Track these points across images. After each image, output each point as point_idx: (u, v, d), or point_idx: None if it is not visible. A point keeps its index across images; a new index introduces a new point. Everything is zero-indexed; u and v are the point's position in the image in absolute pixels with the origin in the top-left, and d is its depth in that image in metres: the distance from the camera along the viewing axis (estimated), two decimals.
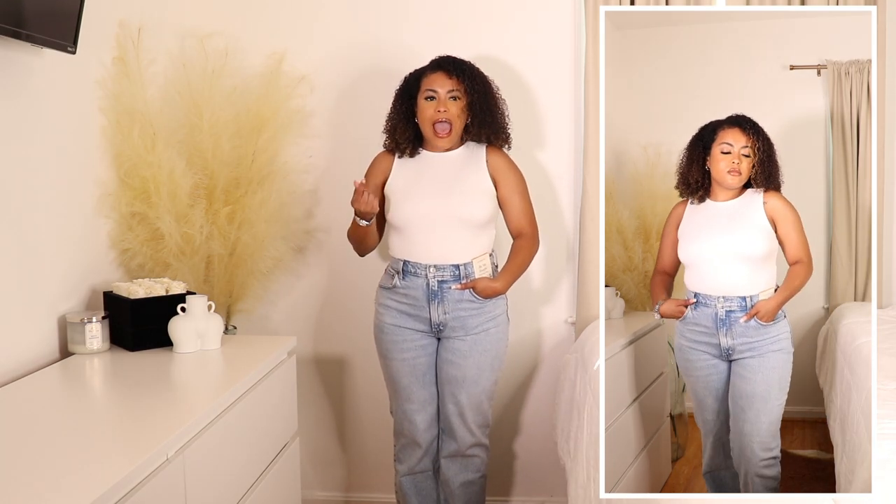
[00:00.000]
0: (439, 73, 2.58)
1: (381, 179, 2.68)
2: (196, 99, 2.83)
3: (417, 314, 2.65)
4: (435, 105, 2.57)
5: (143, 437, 1.77)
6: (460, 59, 2.63)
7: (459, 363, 2.65)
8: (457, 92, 2.58)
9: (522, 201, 2.69)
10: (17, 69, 2.22)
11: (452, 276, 2.61)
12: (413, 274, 2.63)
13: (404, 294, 2.65)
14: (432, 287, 2.61)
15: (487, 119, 2.60)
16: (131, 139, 2.63)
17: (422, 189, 2.61)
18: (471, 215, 2.59)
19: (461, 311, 2.63)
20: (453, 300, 2.62)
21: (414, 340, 2.67)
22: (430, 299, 2.62)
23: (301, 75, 3.07)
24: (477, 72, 2.62)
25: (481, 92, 2.59)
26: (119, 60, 2.63)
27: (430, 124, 2.59)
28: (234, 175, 2.91)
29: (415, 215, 2.60)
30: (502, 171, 2.65)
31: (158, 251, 2.73)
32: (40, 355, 2.32)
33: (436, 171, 2.64)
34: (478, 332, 2.64)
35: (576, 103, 3.11)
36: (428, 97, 2.58)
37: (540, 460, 3.28)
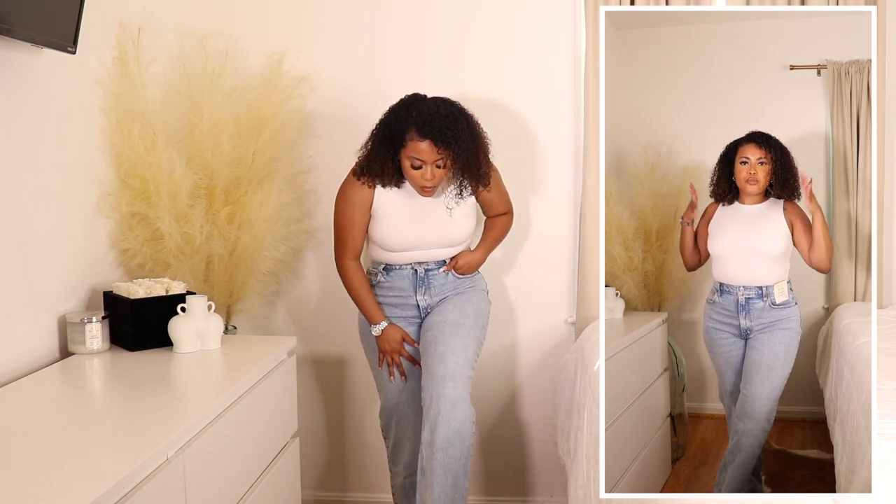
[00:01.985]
0: (427, 143, 2.47)
1: (368, 211, 2.63)
2: (196, 99, 2.83)
3: (404, 302, 2.70)
4: (421, 173, 2.52)
5: (143, 437, 1.77)
6: (447, 125, 2.48)
7: (442, 313, 2.65)
8: (443, 159, 2.51)
9: (499, 194, 2.75)
10: (17, 69, 2.22)
11: (437, 264, 2.69)
12: (398, 269, 2.68)
13: (389, 287, 2.69)
14: (420, 275, 2.68)
15: (472, 170, 2.57)
16: (131, 139, 2.63)
17: (410, 220, 2.62)
18: (461, 237, 2.68)
19: (447, 292, 2.70)
20: (438, 284, 2.68)
21: (404, 328, 2.70)
22: (416, 287, 2.68)
23: (301, 75, 3.07)
24: (462, 128, 2.49)
25: (468, 148, 2.52)
26: (119, 60, 2.63)
27: (417, 185, 2.56)
28: (234, 175, 2.91)
29: (407, 241, 2.63)
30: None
31: (158, 251, 2.73)
32: (40, 355, 2.32)
33: (423, 203, 2.63)
34: (459, 293, 2.70)
35: (576, 103, 3.11)
36: (414, 166, 2.51)
37: (540, 460, 3.28)
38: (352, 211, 2.63)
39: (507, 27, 3.12)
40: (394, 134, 2.53)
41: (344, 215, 2.65)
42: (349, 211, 2.63)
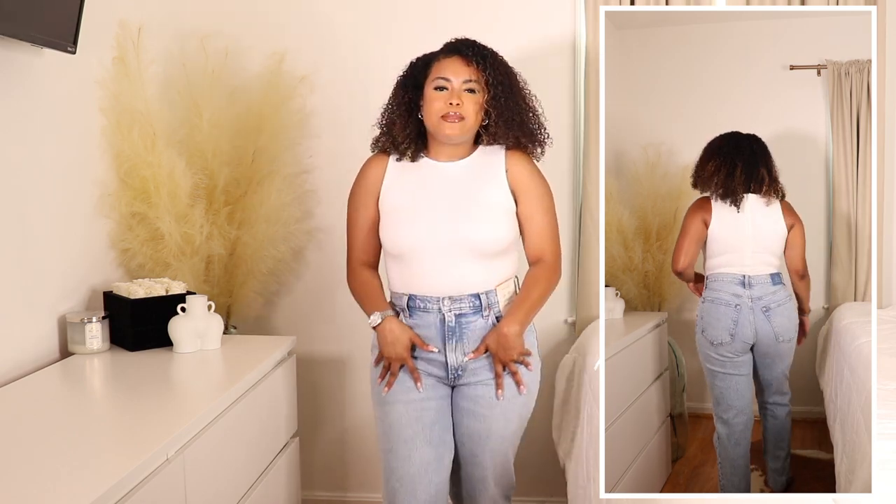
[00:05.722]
0: (455, 59, 2.08)
1: (376, 198, 2.19)
2: (196, 99, 2.83)
3: (430, 356, 2.14)
4: (446, 97, 2.06)
5: (143, 437, 1.77)
6: (482, 44, 2.12)
7: (484, 413, 2.14)
8: (475, 83, 2.07)
9: (545, 221, 2.16)
10: (17, 69, 2.22)
11: (472, 307, 2.10)
12: (422, 309, 2.12)
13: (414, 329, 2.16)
14: (448, 322, 2.11)
15: (515, 118, 2.10)
16: (131, 139, 2.63)
17: (424, 208, 2.11)
18: (487, 241, 2.09)
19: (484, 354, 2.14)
20: (474, 339, 2.12)
21: (427, 389, 2.14)
22: (446, 338, 2.12)
23: (301, 75, 3.07)
24: (502, 61, 2.13)
25: (506, 84, 2.09)
26: (119, 60, 2.63)
27: (437, 117, 2.07)
28: (234, 175, 2.91)
29: (417, 241, 2.09)
30: (525, 183, 2.15)
31: (158, 251, 2.73)
32: (40, 355, 2.32)
33: (441, 184, 2.13)
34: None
35: (576, 103, 3.11)
36: (438, 87, 2.07)
37: (540, 460, 3.28)
38: (357, 199, 2.21)
39: (507, 27, 3.12)
40: (416, 71, 2.14)
41: (350, 205, 2.23)
42: (354, 199, 2.22)
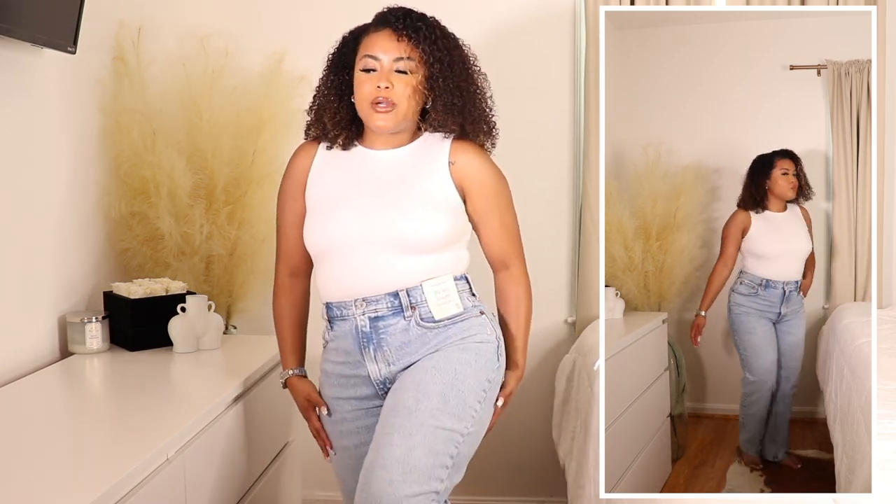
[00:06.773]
0: (384, 32, 1.80)
1: (303, 189, 1.93)
2: (196, 99, 2.83)
3: (355, 373, 1.87)
4: (375, 79, 1.77)
5: (143, 437, 1.77)
6: (418, 13, 1.82)
7: (396, 391, 1.80)
8: (408, 62, 1.78)
9: (503, 220, 1.89)
10: (17, 69, 2.22)
11: (390, 308, 1.80)
12: (340, 318, 1.86)
13: (335, 349, 1.91)
14: (362, 328, 1.82)
15: (456, 102, 1.79)
16: (131, 139, 2.63)
17: (347, 200, 1.82)
18: (414, 237, 1.78)
19: (412, 355, 1.82)
20: (397, 344, 1.81)
21: (356, 419, 1.89)
22: (362, 348, 1.84)
23: (301, 75, 3.06)
24: (441, 32, 1.83)
25: (445, 63, 1.79)
26: (119, 60, 2.63)
27: (367, 104, 1.79)
28: (234, 175, 2.91)
29: (333, 239, 1.81)
30: (473, 177, 1.84)
31: (158, 251, 2.72)
32: (40, 355, 2.32)
33: (371, 174, 1.84)
34: (437, 351, 1.81)
35: (576, 103, 3.11)
36: (366, 68, 1.79)
37: (540, 460, 3.28)
38: (284, 193, 1.94)
39: (507, 27, 3.12)
40: (346, 47, 1.89)
41: (279, 201, 1.96)
42: (282, 194, 1.95)
